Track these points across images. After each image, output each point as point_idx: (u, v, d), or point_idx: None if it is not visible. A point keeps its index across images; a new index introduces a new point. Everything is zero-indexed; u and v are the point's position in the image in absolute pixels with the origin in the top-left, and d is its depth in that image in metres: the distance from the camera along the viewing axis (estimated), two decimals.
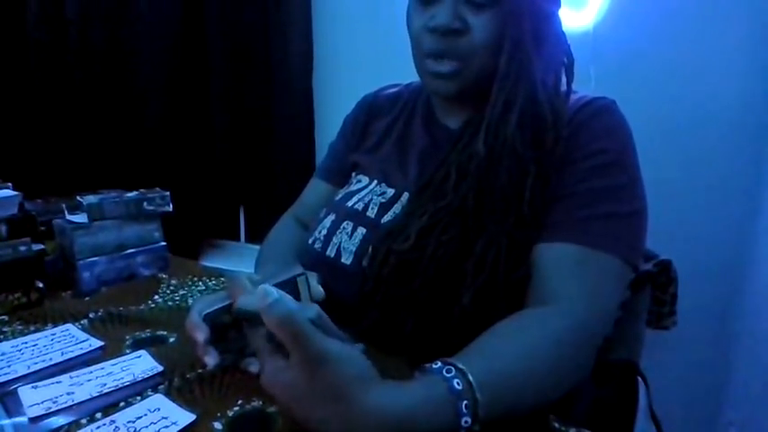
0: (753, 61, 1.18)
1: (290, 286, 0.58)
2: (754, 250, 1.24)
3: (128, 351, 0.66)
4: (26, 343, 0.68)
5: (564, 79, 0.68)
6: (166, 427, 0.50)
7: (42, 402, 0.54)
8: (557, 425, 0.53)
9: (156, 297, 0.85)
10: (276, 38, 1.79)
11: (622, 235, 0.62)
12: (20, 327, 0.73)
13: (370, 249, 0.67)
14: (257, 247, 0.91)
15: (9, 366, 0.61)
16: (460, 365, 0.47)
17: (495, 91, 0.65)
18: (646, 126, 0.69)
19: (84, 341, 0.68)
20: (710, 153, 1.24)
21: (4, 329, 0.72)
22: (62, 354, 0.65)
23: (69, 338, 0.69)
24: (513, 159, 0.62)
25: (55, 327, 0.73)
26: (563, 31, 0.69)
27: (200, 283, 0.91)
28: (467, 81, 0.67)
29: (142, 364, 0.62)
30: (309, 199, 0.91)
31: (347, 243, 0.71)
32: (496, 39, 0.64)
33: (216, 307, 0.58)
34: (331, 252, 0.72)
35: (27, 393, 0.56)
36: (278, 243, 0.87)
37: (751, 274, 1.24)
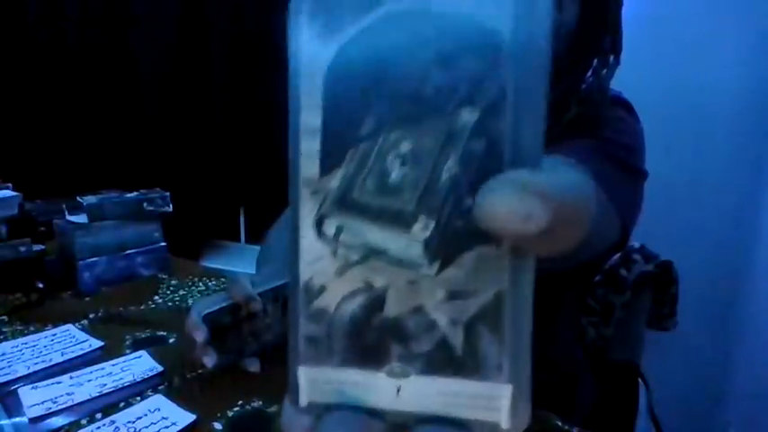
0: (753, 61, 1.18)
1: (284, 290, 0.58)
2: (755, 251, 1.24)
3: (128, 351, 0.66)
4: (26, 343, 0.68)
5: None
6: (166, 427, 0.50)
7: (42, 402, 0.54)
8: (559, 423, 0.53)
9: (156, 297, 0.84)
10: (277, 38, 1.79)
11: (623, 187, 0.59)
12: (20, 327, 0.73)
13: None
14: (257, 247, 0.91)
15: (9, 367, 0.61)
16: None
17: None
18: (645, 126, 0.69)
19: (84, 341, 0.68)
20: (711, 153, 1.24)
21: (5, 330, 0.72)
22: (62, 354, 0.65)
23: (69, 339, 0.69)
24: None
25: (55, 327, 0.73)
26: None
27: (200, 284, 0.91)
28: None
29: (142, 364, 0.62)
30: None
31: None
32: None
33: (215, 307, 0.58)
34: None
35: (27, 393, 0.56)
36: (278, 243, 0.87)
37: (751, 275, 1.24)
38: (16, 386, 0.57)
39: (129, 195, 0.91)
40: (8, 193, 0.84)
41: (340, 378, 0.19)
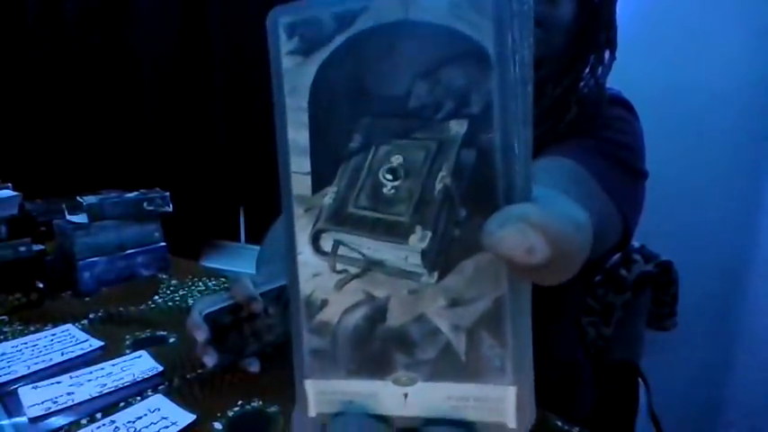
0: (753, 60, 1.18)
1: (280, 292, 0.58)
2: (755, 251, 1.24)
3: (128, 351, 0.66)
4: (26, 343, 0.68)
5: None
6: (166, 427, 0.50)
7: (42, 402, 0.54)
8: (559, 423, 0.53)
9: (156, 297, 0.84)
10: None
11: (624, 186, 0.59)
12: (20, 327, 0.73)
13: None
14: (257, 247, 0.91)
15: (9, 366, 0.61)
16: None
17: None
18: (645, 126, 0.69)
19: (84, 341, 0.68)
20: (711, 153, 1.24)
21: (5, 330, 0.72)
22: (62, 354, 0.65)
23: (69, 339, 0.69)
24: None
25: (55, 327, 0.73)
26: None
27: (200, 284, 0.91)
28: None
29: (142, 364, 0.62)
30: None
31: None
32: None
33: (216, 307, 0.58)
34: None
35: (27, 393, 0.56)
36: (278, 242, 0.87)
37: (751, 275, 1.24)
38: (16, 386, 0.57)
39: (129, 195, 0.91)
40: (8, 193, 0.84)
41: (347, 388, 0.19)
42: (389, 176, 0.19)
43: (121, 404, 0.55)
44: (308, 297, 0.20)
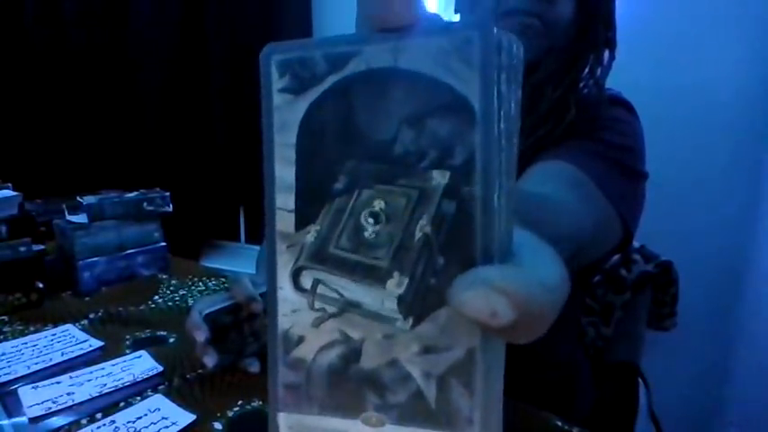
0: (753, 60, 1.18)
1: None
2: (755, 251, 1.24)
3: (128, 351, 0.66)
4: (26, 343, 0.68)
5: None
6: (166, 427, 0.50)
7: (42, 402, 0.54)
8: (559, 423, 0.53)
9: (156, 297, 0.84)
10: (276, 38, 1.79)
11: (623, 189, 0.59)
12: (20, 327, 0.73)
13: None
14: (257, 247, 0.91)
15: (9, 366, 0.61)
16: None
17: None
18: (645, 126, 0.69)
19: (84, 341, 0.68)
20: (710, 153, 1.24)
21: (5, 330, 0.72)
22: (62, 354, 0.65)
23: (69, 339, 0.69)
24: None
25: (55, 327, 0.73)
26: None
27: (200, 284, 0.91)
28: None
29: (142, 364, 0.62)
30: None
31: None
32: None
33: (216, 307, 0.58)
34: None
35: (27, 393, 0.56)
36: None
37: (751, 275, 1.24)
38: (16, 386, 0.57)
39: (129, 195, 0.91)
40: (8, 193, 0.84)
41: (318, 425, 0.20)
42: (371, 220, 0.19)
43: (121, 404, 0.55)
44: (286, 332, 0.20)
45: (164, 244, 0.96)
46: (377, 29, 0.18)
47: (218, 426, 0.51)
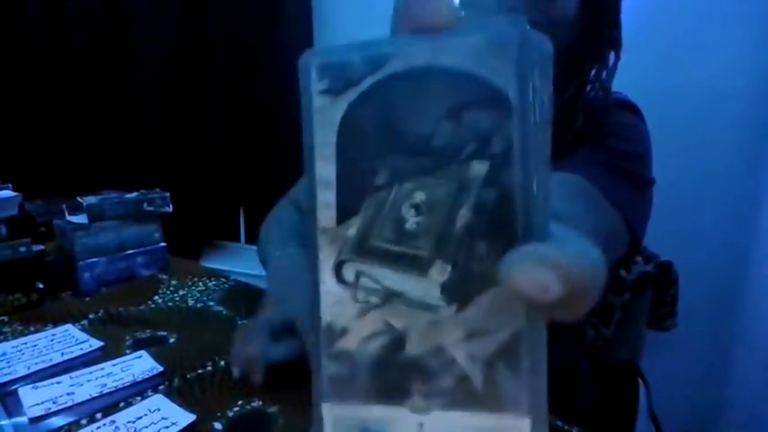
0: (754, 59, 1.18)
1: None
2: (755, 251, 1.24)
3: (128, 351, 0.66)
4: (26, 343, 0.68)
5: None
6: (166, 427, 0.50)
7: (42, 403, 0.54)
8: (559, 424, 0.53)
9: (156, 297, 0.84)
10: (276, 38, 1.79)
11: (630, 197, 0.59)
12: (20, 327, 0.73)
13: None
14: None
15: (9, 367, 0.61)
16: None
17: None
18: None
19: (84, 342, 0.68)
20: (711, 153, 1.24)
21: (5, 330, 0.72)
22: (62, 354, 0.65)
23: (69, 339, 0.69)
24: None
25: (55, 327, 0.73)
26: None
27: (200, 284, 0.91)
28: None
29: (142, 364, 0.62)
30: None
31: None
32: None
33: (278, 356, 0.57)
34: None
35: (27, 394, 0.56)
36: (284, 223, 0.81)
37: (751, 275, 1.24)
38: (16, 386, 0.58)
39: (129, 195, 0.91)
40: (8, 193, 0.84)
41: (363, 414, 0.20)
42: (412, 212, 0.19)
43: (121, 404, 0.55)
44: (329, 325, 0.20)
45: (164, 244, 0.96)
46: (414, 31, 0.19)
47: (218, 426, 0.51)
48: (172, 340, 0.70)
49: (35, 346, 0.67)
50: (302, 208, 0.83)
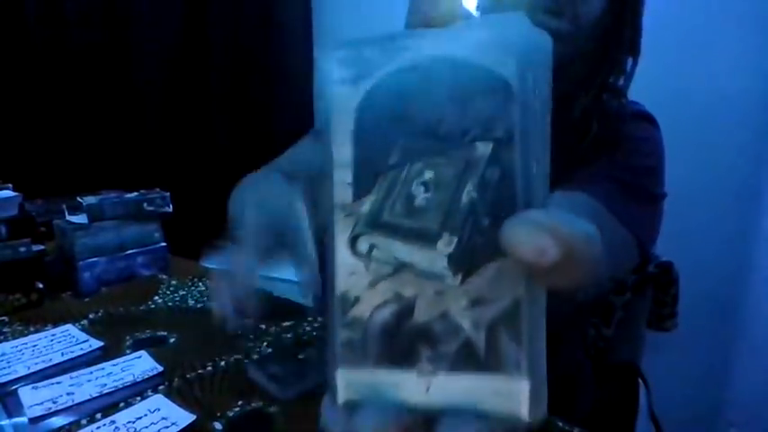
0: (756, 61, 1.18)
1: None
2: (755, 251, 1.24)
3: (128, 351, 0.66)
4: (26, 344, 0.67)
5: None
6: (166, 427, 0.50)
7: (42, 403, 0.54)
8: (560, 424, 0.53)
9: (156, 297, 0.84)
10: (276, 38, 1.79)
11: (641, 214, 0.59)
12: (20, 327, 0.73)
13: None
14: None
15: (9, 367, 0.61)
16: None
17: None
18: None
19: (84, 342, 0.68)
20: (712, 154, 1.24)
21: (5, 330, 0.72)
22: (62, 354, 0.65)
23: (69, 339, 0.69)
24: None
25: (55, 327, 0.72)
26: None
27: (201, 284, 0.91)
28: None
29: (142, 364, 0.62)
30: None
31: None
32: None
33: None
34: None
35: (27, 394, 0.56)
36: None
37: (751, 275, 1.24)
38: (16, 386, 0.57)
39: (129, 195, 0.91)
40: (8, 193, 0.84)
41: (374, 378, 0.21)
42: (422, 189, 0.21)
43: (121, 404, 0.54)
44: (344, 294, 0.22)
45: (164, 244, 0.96)
46: (426, 26, 0.21)
47: (218, 426, 0.51)
48: (172, 340, 0.70)
49: (35, 346, 0.67)
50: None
